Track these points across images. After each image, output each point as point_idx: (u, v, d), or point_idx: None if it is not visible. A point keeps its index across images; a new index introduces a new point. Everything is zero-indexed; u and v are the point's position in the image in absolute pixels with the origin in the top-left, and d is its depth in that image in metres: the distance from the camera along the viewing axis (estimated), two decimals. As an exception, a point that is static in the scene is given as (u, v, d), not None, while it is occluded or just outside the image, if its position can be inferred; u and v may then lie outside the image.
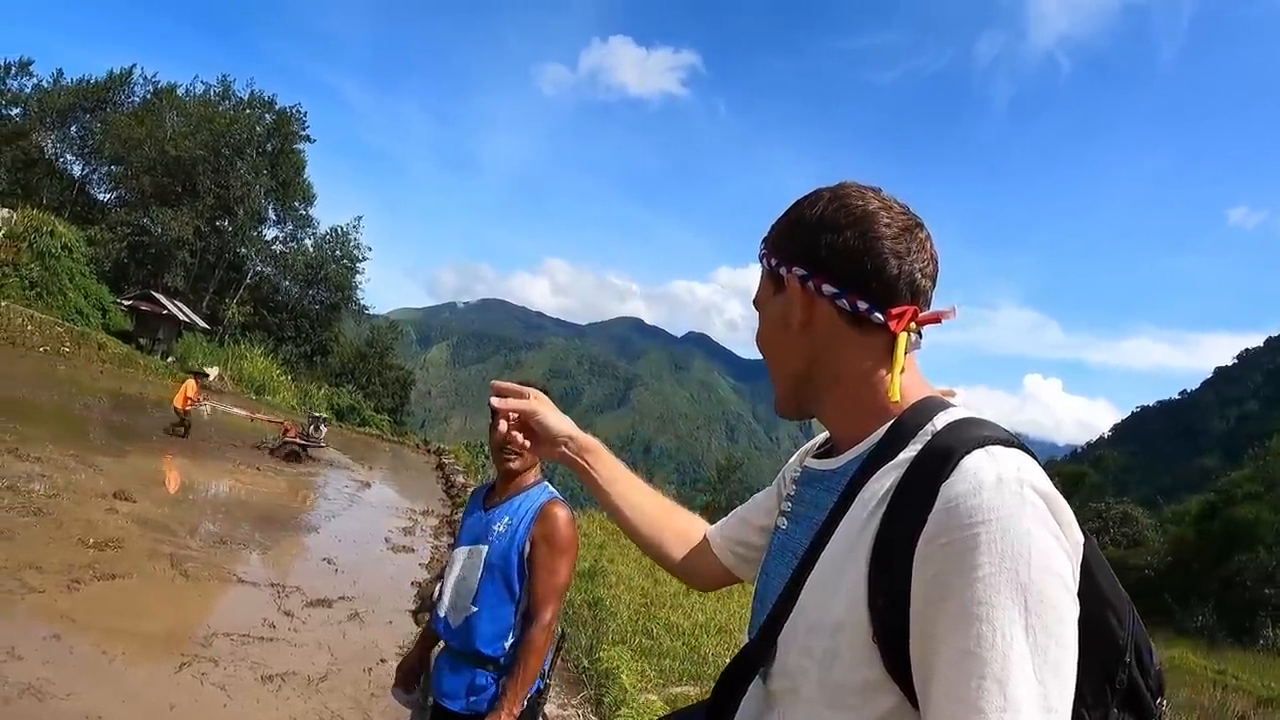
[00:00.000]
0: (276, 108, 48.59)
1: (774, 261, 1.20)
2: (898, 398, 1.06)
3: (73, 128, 47.09)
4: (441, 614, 2.83)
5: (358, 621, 7.16)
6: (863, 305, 1.10)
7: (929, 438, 1.01)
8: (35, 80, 47.07)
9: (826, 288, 1.11)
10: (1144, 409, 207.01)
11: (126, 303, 35.96)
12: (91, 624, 5.49)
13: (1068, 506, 0.93)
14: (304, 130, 49.77)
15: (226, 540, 9.12)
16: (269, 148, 47.63)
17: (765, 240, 1.24)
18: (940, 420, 1.03)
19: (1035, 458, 0.98)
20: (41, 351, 26.47)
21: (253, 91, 48.53)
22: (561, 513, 2.79)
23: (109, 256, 38.79)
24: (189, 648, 5.50)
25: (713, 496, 50.85)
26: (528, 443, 1.52)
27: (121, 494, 9.62)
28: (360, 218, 53.88)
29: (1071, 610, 0.87)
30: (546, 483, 2.93)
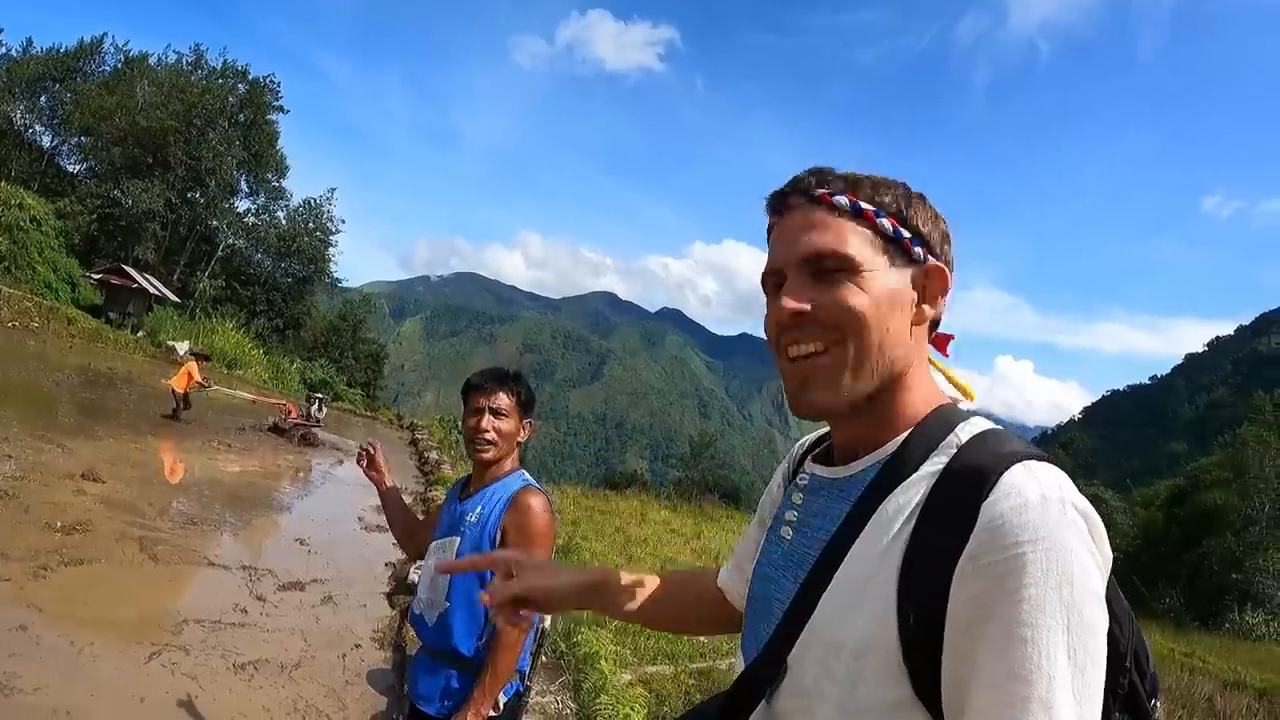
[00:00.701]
0: (250, 78, 47.81)
1: (904, 232, 1.08)
2: (974, 397, 1.13)
3: (42, 98, 46.12)
4: (418, 611, 2.77)
5: (331, 605, 7.09)
6: (941, 305, 1.11)
7: (954, 450, 0.98)
8: (3, 50, 46.13)
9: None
10: (1114, 393, 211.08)
11: (96, 276, 35.38)
12: (60, 613, 5.39)
13: (1102, 523, 0.91)
14: (277, 101, 49.04)
15: (197, 521, 8.99)
16: (241, 118, 46.94)
17: (877, 192, 1.09)
18: (964, 432, 1.01)
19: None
20: (10, 327, 26.04)
21: (225, 61, 47.71)
22: (535, 501, 2.66)
23: (79, 229, 38.12)
24: (159, 636, 5.42)
25: (685, 472, 51.01)
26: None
27: (90, 474, 9.46)
28: (334, 190, 53.25)
29: (1104, 628, 0.86)
30: (523, 471, 2.83)
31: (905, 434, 1.04)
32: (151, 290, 36.58)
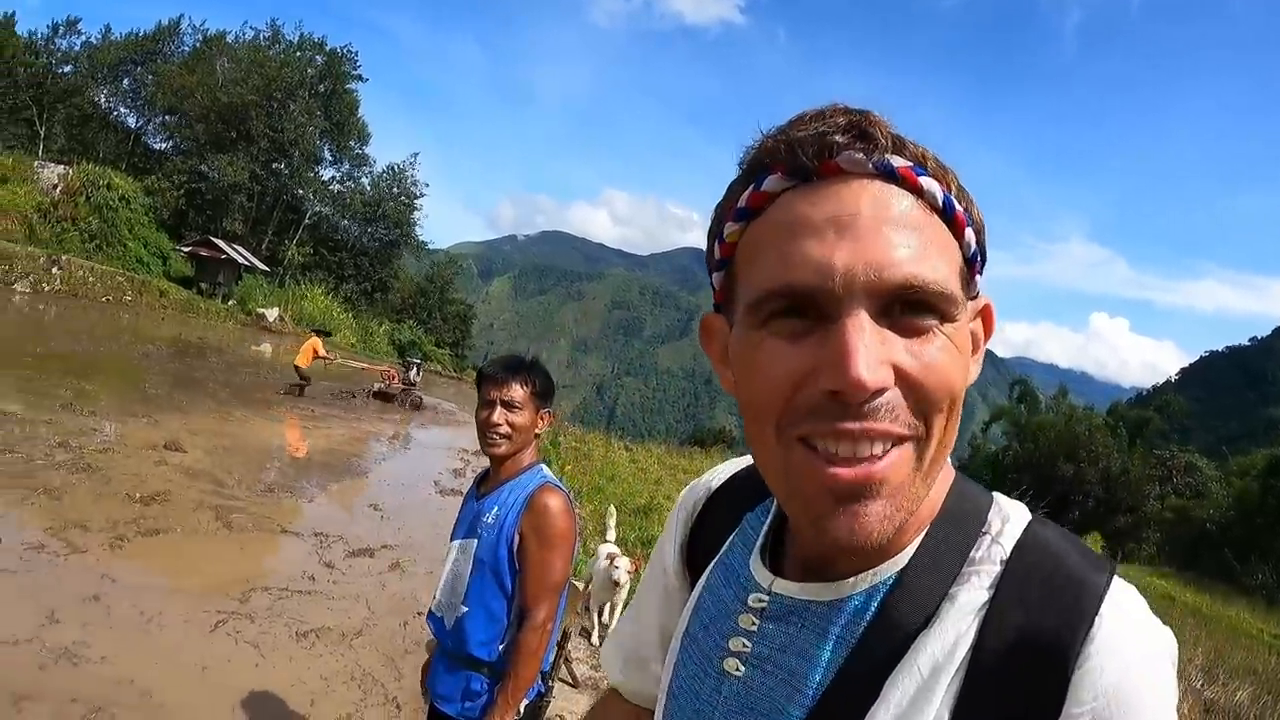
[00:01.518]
0: (327, 49, 48.60)
1: (979, 243, 0.74)
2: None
3: (125, 81, 47.82)
4: (437, 613, 2.69)
5: (398, 571, 7.21)
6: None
7: (999, 567, 0.72)
8: (84, 38, 47.99)
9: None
10: (1212, 354, 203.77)
11: (186, 249, 36.52)
12: (132, 583, 5.57)
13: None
14: (355, 70, 49.80)
15: (274, 489, 9.23)
16: (321, 89, 47.75)
17: (950, 179, 0.72)
18: (1008, 535, 0.75)
19: None
20: (104, 301, 27.09)
21: (302, 34, 48.54)
22: (553, 501, 2.56)
23: (167, 205, 39.40)
24: (226, 604, 5.56)
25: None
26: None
27: (173, 444, 9.78)
28: (416, 154, 54.07)
29: None
30: (543, 466, 2.72)
31: (919, 537, 0.76)
32: (240, 260, 37.60)
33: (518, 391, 2.62)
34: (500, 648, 2.56)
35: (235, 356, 22.75)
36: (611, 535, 7.50)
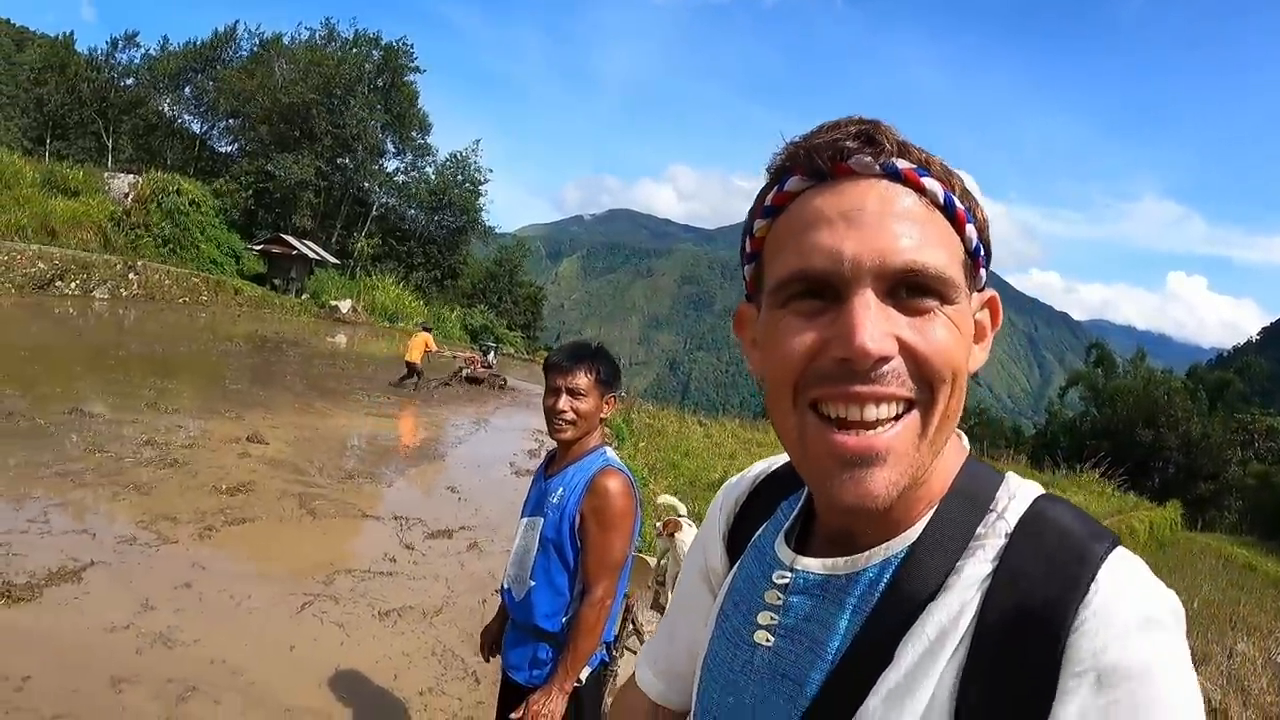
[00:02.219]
0: (383, 43, 49.07)
1: (980, 237, 0.82)
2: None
3: (186, 89, 48.81)
4: (506, 585, 2.85)
5: (476, 551, 7.35)
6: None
7: (1004, 541, 0.76)
8: (143, 50, 49.10)
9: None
10: None
11: (258, 247, 37.34)
12: (221, 570, 5.78)
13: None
14: (413, 62, 50.16)
15: (354, 475, 9.47)
16: (380, 83, 48.22)
17: (954, 180, 0.80)
18: (1006, 507, 0.79)
19: None
20: (181, 303, 27.88)
21: (357, 31, 49.08)
22: (613, 484, 2.65)
23: (236, 205, 40.22)
24: (311, 587, 5.74)
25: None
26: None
27: (255, 437, 10.08)
28: (479, 141, 54.45)
29: None
30: (606, 449, 2.81)
31: (929, 513, 0.81)
32: (311, 255, 38.32)
33: (582, 379, 2.72)
34: (564, 620, 2.68)
35: (311, 349, 23.28)
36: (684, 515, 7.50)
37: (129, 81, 47.66)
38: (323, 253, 40.55)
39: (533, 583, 2.71)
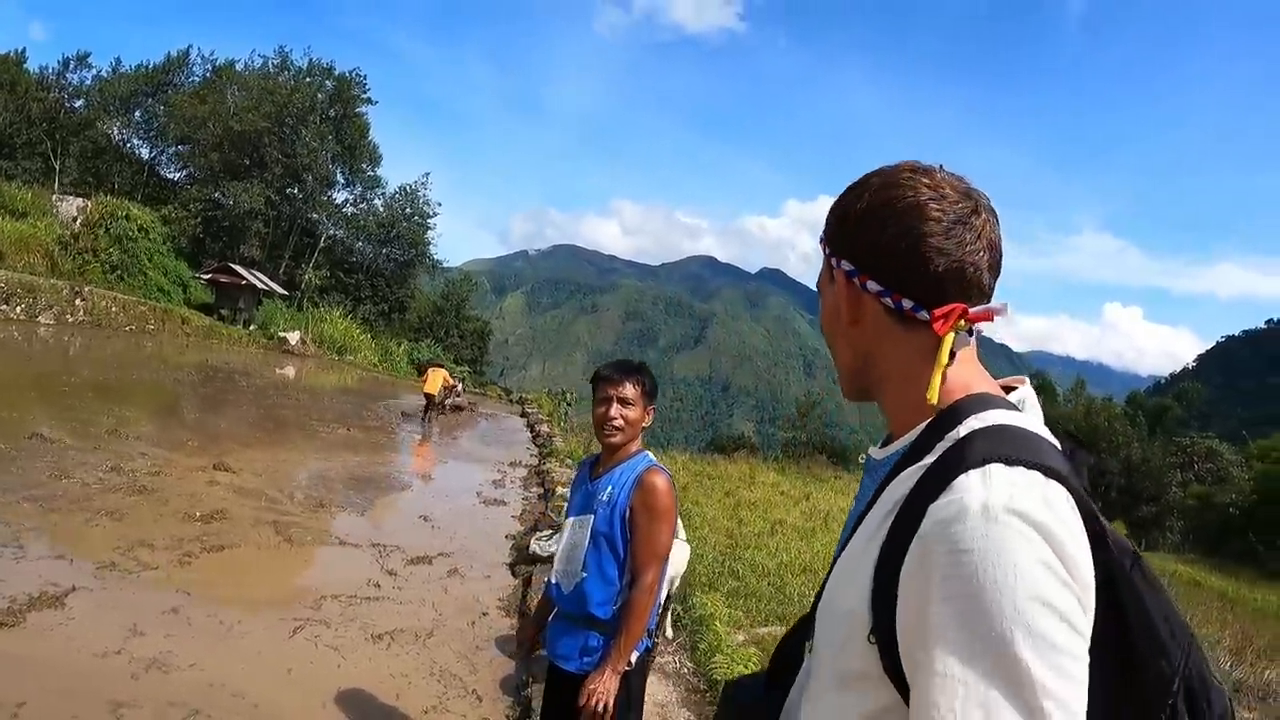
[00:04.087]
0: (336, 74, 48.84)
1: (826, 250, 1.18)
2: (934, 400, 1.02)
3: (136, 113, 47.87)
4: (554, 580, 3.05)
5: (458, 577, 7.32)
6: (907, 304, 1.06)
7: (948, 445, 0.97)
8: (95, 71, 48.01)
9: (871, 285, 1.09)
10: (1229, 339, 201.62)
11: (206, 276, 36.76)
12: (207, 595, 5.67)
13: (1073, 537, 0.87)
14: (365, 94, 49.99)
15: (325, 504, 9.36)
16: (332, 114, 47.88)
17: (824, 225, 1.21)
18: (966, 426, 0.99)
19: (1057, 474, 0.92)
20: (127, 331, 27.34)
21: (310, 60, 48.81)
22: (660, 481, 2.91)
23: (185, 233, 39.62)
24: (300, 612, 5.67)
25: (793, 434, 50.74)
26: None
27: (221, 465, 9.92)
28: (428, 174, 54.06)
29: (1067, 638, 0.82)
30: (648, 452, 3.07)
31: (924, 424, 1.05)
32: (259, 285, 37.84)
33: (630, 390, 3.00)
34: (614, 608, 2.89)
35: (263, 380, 22.94)
36: None
37: (79, 103, 46.63)
38: (271, 283, 40.08)
39: (584, 574, 2.91)
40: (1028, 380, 1.16)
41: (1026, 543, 0.83)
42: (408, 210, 51.87)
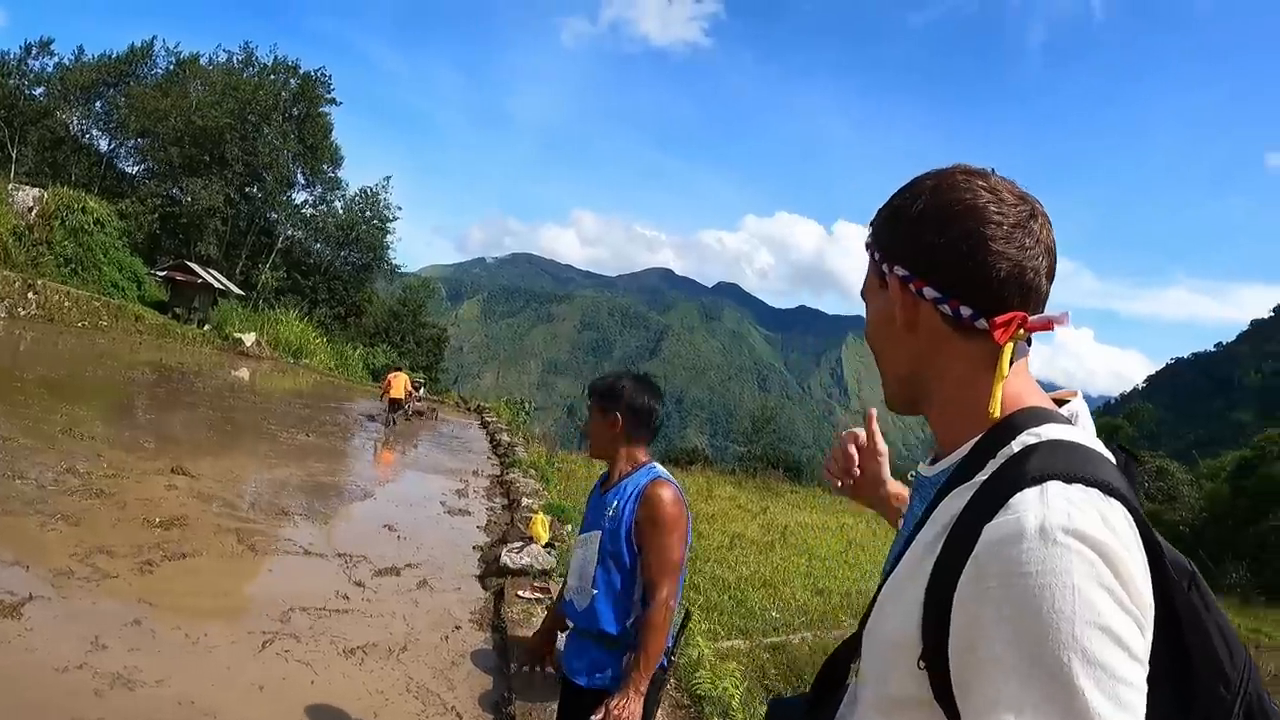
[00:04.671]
0: (300, 72, 48.42)
1: (877, 255, 1.14)
2: (997, 413, 0.99)
3: (97, 104, 47.21)
4: (568, 597, 3.04)
5: (427, 589, 7.16)
6: (966, 312, 1.02)
7: (1002, 461, 0.94)
8: (57, 59, 47.32)
9: (928, 291, 1.05)
10: (1178, 361, 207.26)
11: (161, 273, 36.17)
12: (170, 606, 5.48)
13: (1134, 559, 0.84)
14: (329, 94, 49.62)
15: (288, 512, 9.12)
16: (295, 112, 47.52)
17: (871, 228, 1.18)
18: (1020, 441, 0.96)
19: (1115, 491, 0.89)
20: (80, 327, 26.73)
21: (276, 57, 48.39)
22: (664, 493, 2.85)
23: (141, 229, 38.98)
24: (268, 625, 5.49)
25: (747, 447, 51.00)
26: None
27: (178, 469, 9.65)
28: (389, 178, 53.77)
29: (1125, 666, 0.80)
30: (655, 464, 3.01)
31: (976, 438, 1.02)
32: (216, 284, 37.30)
33: (595, 403, 3.07)
34: (628, 624, 2.85)
35: (218, 382, 22.52)
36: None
37: (39, 91, 45.86)
38: (227, 283, 39.56)
39: (595, 591, 2.88)
40: (1080, 393, 1.14)
41: (1086, 565, 0.81)
42: (367, 213, 51.73)
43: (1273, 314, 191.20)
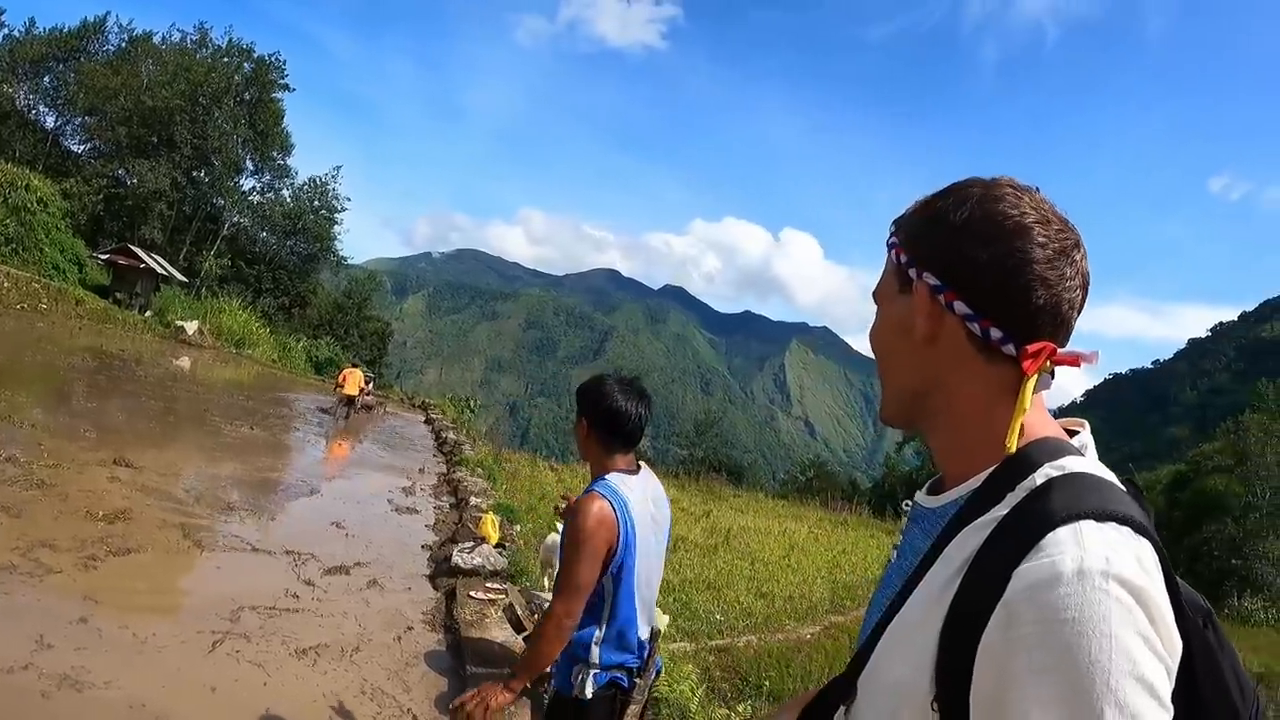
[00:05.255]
0: (255, 56, 47.68)
1: (904, 258, 1.08)
2: (1014, 447, 0.95)
3: (45, 78, 45.93)
4: None
5: (378, 589, 7.09)
6: (996, 334, 0.98)
7: (1024, 496, 0.91)
8: (6, 30, 45.96)
9: (959, 306, 1.00)
10: (1116, 376, 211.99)
11: (103, 257, 35.33)
12: (117, 604, 5.37)
13: (1165, 603, 0.83)
14: (283, 79, 48.96)
15: (234, 506, 8.97)
16: (247, 97, 46.80)
17: (897, 227, 1.12)
18: (1043, 474, 0.92)
19: (1144, 529, 0.88)
20: (18, 309, 26.01)
21: (230, 39, 47.65)
22: (588, 505, 2.72)
23: (85, 210, 38.07)
24: (217, 624, 5.39)
25: (689, 451, 51.16)
26: None
27: (121, 460, 9.44)
28: (339, 168, 53.16)
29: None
30: (606, 477, 2.86)
31: (990, 470, 0.98)
32: (159, 270, 36.54)
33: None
34: (590, 653, 2.79)
35: (160, 370, 22.03)
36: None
37: (-14, 63, 44.57)
38: (171, 269, 38.75)
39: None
40: (1087, 425, 1.10)
41: (1125, 611, 0.79)
42: (315, 203, 51.18)
43: (1210, 334, 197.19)
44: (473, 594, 7.00)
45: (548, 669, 2.91)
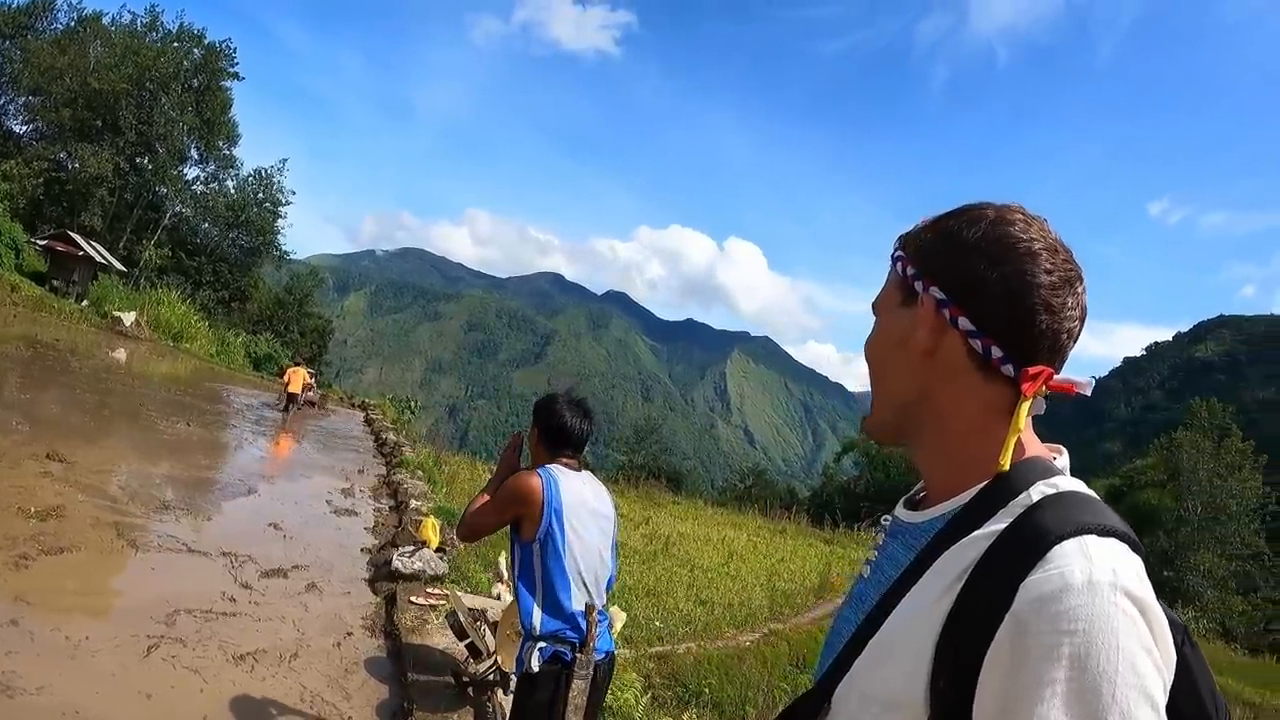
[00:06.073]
0: (205, 42, 46.81)
1: (910, 270, 1.10)
2: (1007, 466, 0.97)
3: (-10, 56, 44.65)
4: None
5: (316, 592, 7.03)
6: (997, 353, 1.01)
7: (1020, 511, 0.93)
8: (-48, 5, 44.54)
9: (963, 322, 1.02)
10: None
11: (41, 243, 34.42)
12: (49, 605, 5.27)
13: (1164, 617, 0.86)
14: (233, 67, 48.10)
15: (169, 505, 8.81)
16: (195, 84, 45.93)
17: (905, 242, 1.15)
18: (1037, 491, 0.95)
19: (1137, 545, 0.91)
20: (-48, 295, 25.31)
21: (182, 24, 46.69)
22: (521, 475, 3.23)
23: (23, 193, 37.09)
24: (152, 627, 5.31)
25: (629, 456, 51.26)
26: None
27: (54, 454, 9.22)
28: (285, 160, 52.36)
29: None
30: (549, 465, 3.32)
31: (981, 486, 1.00)
32: (97, 258, 35.69)
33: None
34: (532, 620, 3.09)
35: (95, 362, 21.54)
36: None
37: (-72, 38, 43.18)
38: (110, 257, 37.86)
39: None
40: (1065, 451, 1.12)
41: (1131, 624, 0.82)
42: (260, 195, 50.42)
43: (1145, 353, 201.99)
44: (413, 599, 6.97)
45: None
